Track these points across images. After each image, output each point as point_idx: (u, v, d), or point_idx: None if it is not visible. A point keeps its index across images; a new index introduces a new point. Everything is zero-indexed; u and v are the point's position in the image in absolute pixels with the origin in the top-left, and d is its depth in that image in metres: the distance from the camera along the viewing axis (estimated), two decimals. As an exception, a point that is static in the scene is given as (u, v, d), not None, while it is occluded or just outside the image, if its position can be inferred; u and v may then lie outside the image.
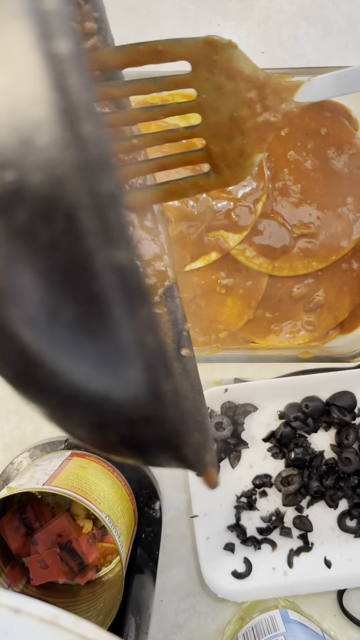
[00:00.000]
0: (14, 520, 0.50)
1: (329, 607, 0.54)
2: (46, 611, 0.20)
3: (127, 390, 0.15)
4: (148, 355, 0.15)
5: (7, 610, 0.20)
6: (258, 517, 0.53)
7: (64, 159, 0.13)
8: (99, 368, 0.15)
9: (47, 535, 0.49)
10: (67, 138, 0.13)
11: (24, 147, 0.13)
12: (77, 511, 0.51)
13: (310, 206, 0.47)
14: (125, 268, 0.13)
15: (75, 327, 0.14)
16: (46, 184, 0.13)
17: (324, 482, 0.51)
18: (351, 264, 0.48)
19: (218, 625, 0.54)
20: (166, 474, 0.54)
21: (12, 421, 0.55)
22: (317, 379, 0.50)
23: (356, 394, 0.51)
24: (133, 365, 0.15)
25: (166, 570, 0.54)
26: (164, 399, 0.15)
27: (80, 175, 0.13)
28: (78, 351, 0.15)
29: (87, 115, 0.13)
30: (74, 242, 0.13)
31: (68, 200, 0.13)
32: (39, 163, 0.13)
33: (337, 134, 0.47)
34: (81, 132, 0.13)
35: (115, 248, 0.13)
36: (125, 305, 0.14)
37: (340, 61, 0.53)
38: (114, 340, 0.14)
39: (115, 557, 0.52)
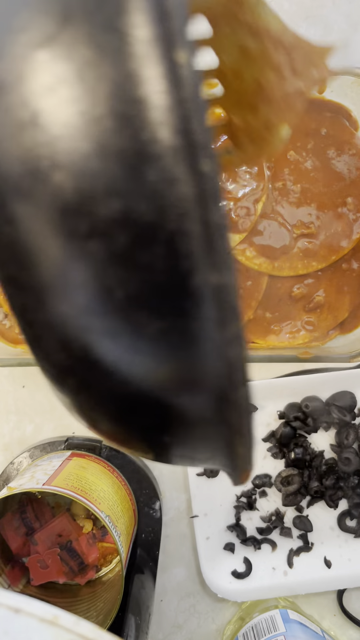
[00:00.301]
0: (14, 520, 0.50)
1: (329, 607, 0.54)
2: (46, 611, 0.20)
3: (196, 398, 0.17)
4: (229, 365, 0.16)
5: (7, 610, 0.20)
6: (258, 517, 0.53)
7: (177, 192, 0.14)
8: (174, 376, 0.16)
9: (47, 535, 0.49)
10: (184, 173, 0.14)
11: (134, 181, 0.14)
12: (77, 511, 0.51)
13: (310, 206, 0.47)
14: (225, 288, 0.15)
15: (157, 339, 0.15)
16: (151, 212, 0.14)
17: (324, 482, 0.51)
18: (351, 264, 0.48)
19: (218, 625, 0.54)
20: (166, 474, 0.55)
21: (12, 421, 0.55)
22: (317, 379, 0.50)
23: (356, 394, 0.51)
24: (210, 370, 0.16)
25: (166, 570, 0.54)
26: (237, 404, 0.16)
27: (195, 206, 0.14)
28: (156, 361, 0.16)
29: (206, 154, 0.14)
30: (172, 264, 0.14)
31: (172, 227, 0.14)
32: (148, 194, 0.14)
33: (337, 134, 0.47)
34: (201, 169, 0.14)
35: (217, 270, 0.14)
36: (217, 321, 0.15)
37: (341, 61, 0.53)
38: (197, 352, 0.16)
39: (115, 557, 0.52)
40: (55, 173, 0.14)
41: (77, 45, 0.14)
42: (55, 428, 0.55)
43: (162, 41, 0.13)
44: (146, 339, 0.16)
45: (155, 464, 0.54)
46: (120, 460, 0.53)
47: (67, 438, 0.53)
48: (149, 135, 0.14)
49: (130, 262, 0.15)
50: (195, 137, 0.14)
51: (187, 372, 0.16)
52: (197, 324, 0.15)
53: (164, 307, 0.15)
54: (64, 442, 0.53)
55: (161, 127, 0.13)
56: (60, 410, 0.55)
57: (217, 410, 0.17)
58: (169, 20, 0.13)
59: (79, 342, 0.16)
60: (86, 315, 0.16)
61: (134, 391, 0.17)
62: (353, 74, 0.43)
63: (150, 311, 0.15)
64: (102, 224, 0.14)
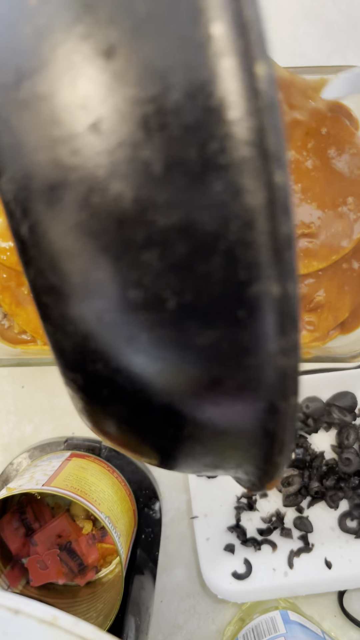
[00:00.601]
0: (13, 520, 0.50)
1: (329, 608, 0.54)
2: (46, 612, 0.20)
3: (240, 408, 0.16)
4: (283, 375, 0.15)
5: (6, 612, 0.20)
6: (258, 517, 0.53)
7: (244, 202, 0.14)
8: (217, 388, 0.16)
9: (46, 536, 0.49)
10: (255, 185, 0.13)
11: (198, 189, 0.14)
12: (76, 512, 0.51)
13: (310, 206, 0.47)
14: (287, 297, 0.14)
15: (205, 350, 0.15)
16: (214, 222, 0.14)
17: (325, 482, 0.51)
18: (352, 263, 0.48)
19: (218, 626, 0.54)
20: (166, 475, 0.54)
21: (11, 421, 0.55)
22: (318, 379, 0.50)
23: (357, 394, 0.51)
24: (262, 381, 0.16)
25: (166, 571, 0.54)
26: (285, 414, 0.16)
27: (263, 217, 0.14)
28: (202, 372, 0.16)
29: (281, 166, 0.14)
30: (231, 274, 0.14)
31: (234, 237, 0.14)
32: (212, 204, 0.14)
33: (337, 133, 0.47)
34: (275, 180, 0.13)
35: (282, 281, 0.14)
36: (277, 329, 0.15)
37: (341, 60, 0.53)
38: (256, 355, 0.15)
39: (115, 558, 0.52)
40: (113, 182, 0.14)
41: (147, 55, 0.14)
42: (54, 428, 0.55)
43: (240, 52, 0.13)
44: (195, 350, 0.15)
45: (155, 465, 0.54)
46: (120, 461, 0.52)
47: (67, 438, 0.53)
48: (218, 145, 0.13)
49: (187, 272, 0.14)
50: (270, 147, 0.13)
51: (234, 382, 0.16)
52: (250, 334, 0.15)
53: (217, 317, 0.15)
54: (64, 442, 0.53)
55: (231, 137, 0.13)
56: (60, 410, 0.55)
57: (262, 420, 0.17)
58: (248, 32, 0.13)
59: (119, 352, 0.16)
60: (134, 325, 0.15)
61: (174, 402, 0.17)
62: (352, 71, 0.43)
63: (202, 322, 0.15)
64: (160, 234, 0.14)
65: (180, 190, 0.14)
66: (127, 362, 0.16)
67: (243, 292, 0.14)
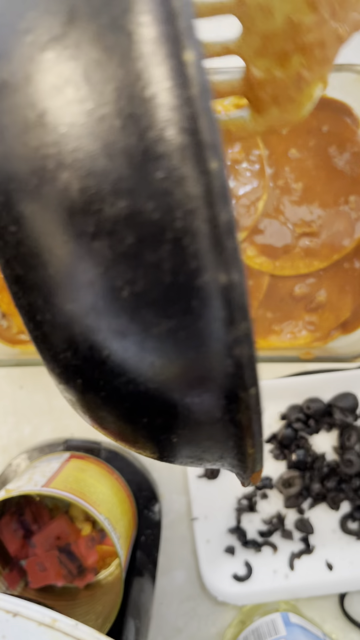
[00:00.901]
0: (12, 522, 0.50)
1: (330, 610, 0.53)
2: (45, 615, 0.20)
3: (205, 397, 0.17)
4: (238, 364, 0.16)
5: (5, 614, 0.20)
6: (259, 519, 0.52)
7: (185, 191, 0.14)
8: (182, 376, 0.16)
9: (45, 537, 0.49)
10: (192, 172, 0.14)
11: (141, 180, 0.14)
12: (75, 514, 0.50)
13: (311, 205, 0.47)
14: (233, 286, 0.15)
15: (165, 339, 0.16)
16: (158, 211, 0.14)
17: (326, 484, 0.51)
18: (353, 263, 0.48)
19: (218, 628, 0.54)
20: (166, 476, 0.54)
21: (9, 422, 0.55)
22: (319, 379, 0.50)
23: (358, 395, 0.51)
24: (221, 373, 0.16)
25: (166, 573, 0.54)
26: (246, 403, 0.16)
27: (202, 205, 0.14)
28: (164, 361, 0.16)
29: (215, 154, 0.14)
30: (180, 263, 0.15)
31: (179, 226, 0.14)
32: (155, 193, 0.14)
33: (338, 131, 0.47)
34: (209, 168, 0.14)
35: (226, 269, 0.15)
36: (225, 319, 0.15)
37: (341, 59, 0.53)
38: (205, 350, 0.16)
39: (114, 560, 0.51)
40: (61, 173, 0.14)
41: (83, 46, 0.14)
42: (53, 429, 0.55)
43: (169, 40, 0.14)
44: (154, 339, 0.16)
45: (155, 466, 0.54)
46: (120, 462, 0.52)
47: (66, 439, 0.53)
48: (156, 134, 0.14)
49: (137, 261, 0.15)
50: (203, 136, 0.14)
51: (195, 371, 0.16)
52: (205, 323, 0.15)
53: (172, 306, 0.15)
54: (63, 443, 0.53)
55: (168, 125, 0.14)
56: (59, 411, 0.55)
57: (226, 410, 0.17)
58: (176, 20, 0.14)
59: (86, 341, 0.16)
60: (93, 315, 0.16)
61: (141, 391, 0.17)
62: (354, 71, 0.43)
63: (157, 310, 0.15)
64: (108, 224, 0.15)
65: (124, 180, 0.14)
66: (93, 352, 0.16)
67: (193, 282, 0.15)
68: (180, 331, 0.15)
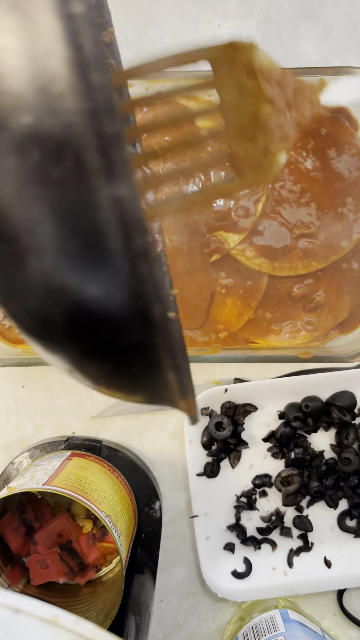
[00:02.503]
0: (14, 520, 0.50)
1: (329, 607, 0.54)
2: (46, 611, 0.20)
3: (121, 314, 0.17)
4: (140, 280, 0.16)
5: (7, 611, 0.20)
6: (258, 517, 0.53)
7: (75, 104, 0.15)
8: (98, 294, 0.17)
9: (47, 535, 0.49)
10: (78, 86, 0.15)
11: (40, 95, 0.15)
12: (77, 511, 0.51)
13: (310, 206, 0.47)
14: (125, 201, 0.15)
15: (79, 256, 0.16)
16: (58, 127, 0.15)
17: (324, 482, 0.51)
18: (351, 264, 0.48)
19: (218, 625, 0.54)
20: (166, 474, 0.55)
21: (12, 421, 0.55)
22: (317, 379, 0.50)
23: (356, 394, 0.51)
24: (126, 290, 0.17)
25: (166, 570, 0.54)
26: (154, 323, 0.17)
27: (89, 119, 0.15)
28: (81, 278, 0.16)
29: (96, 67, 0.15)
30: (80, 179, 0.15)
31: (77, 141, 0.15)
32: (53, 109, 0.15)
33: (337, 134, 0.47)
34: (91, 80, 0.15)
35: (116, 183, 0.15)
36: (122, 234, 0.16)
37: (340, 61, 0.53)
38: (111, 268, 0.16)
39: (115, 557, 0.52)
40: None
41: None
42: (55, 428, 0.55)
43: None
44: (70, 256, 0.16)
45: (156, 464, 0.54)
46: (121, 460, 0.53)
47: (67, 438, 0.53)
48: (47, 49, 0.15)
49: (44, 177, 0.15)
50: (85, 50, 0.14)
51: (108, 290, 0.17)
52: (109, 241, 0.16)
53: (81, 224, 0.16)
54: (64, 442, 0.53)
55: (57, 43, 0.15)
56: (61, 410, 0.55)
57: (141, 331, 0.17)
58: None
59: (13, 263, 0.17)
60: (10, 231, 0.16)
61: (70, 314, 0.17)
62: (353, 74, 0.43)
63: (69, 228, 0.16)
64: (15, 140, 0.15)
65: (29, 96, 0.15)
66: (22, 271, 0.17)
67: (93, 198, 0.15)
68: (91, 248, 0.16)
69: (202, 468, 0.52)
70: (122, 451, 0.53)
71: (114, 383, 0.20)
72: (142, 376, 0.19)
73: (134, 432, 0.55)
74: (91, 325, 0.17)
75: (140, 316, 0.17)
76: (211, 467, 0.52)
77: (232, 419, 0.51)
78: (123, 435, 0.55)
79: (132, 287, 0.16)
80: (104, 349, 0.18)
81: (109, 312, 0.17)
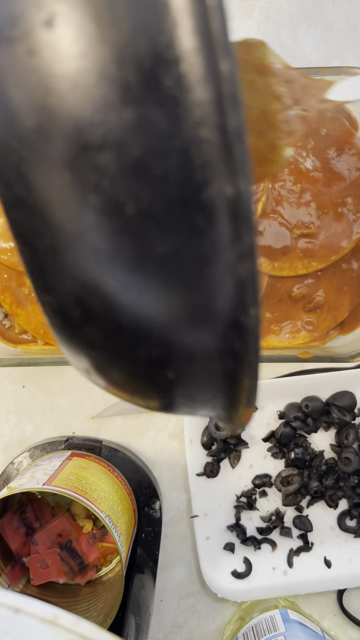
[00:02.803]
0: (14, 520, 0.50)
1: (329, 606, 0.54)
2: (46, 611, 0.20)
3: (202, 326, 0.16)
4: (240, 281, 0.15)
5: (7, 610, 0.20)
6: (258, 517, 0.53)
7: (194, 96, 0.13)
8: (181, 303, 0.15)
9: (47, 535, 0.49)
10: (202, 76, 0.13)
11: (150, 85, 0.13)
12: (77, 511, 0.51)
13: (310, 206, 0.47)
14: (240, 197, 0.14)
15: (167, 258, 0.15)
16: (166, 120, 0.13)
17: (324, 482, 0.51)
18: (351, 264, 0.48)
19: (218, 625, 0.54)
20: (166, 474, 0.55)
21: (12, 421, 0.55)
22: (317, 379, 0.50)
23: (356, 394, 0.51)
24: (221, 291, 0.15)
25: (166, 570, 0.54)
26: (245, 327, 0.15)
27: (212, 111, 0.13)
28: (164, 285, 0.15)
29: (225, 54, 0.13)
30: (187, 174, 0.14)
31: (187, 135, 0.13)
32: (164, 100, 0.13)
33: (337, 134, 0.47)
34: (220, 69, 0.13)
35: (234, 178, 0.14)
36: (231, 232, 0.14)
37: (340, 61, 0.53)
38: (207, 272, 0.15)
39: (115, 557, 0.52)
40: (62, 82, 0.14)
41: None
42: (55, 428, 0.55)
43: None
44: (156, 260, 0.15)
45: (156, 464, 0.54)
46: (121, 461, 0.53)
47: (67, 438, 0.53)
48: (166, 39, 0.13)
49: (143, 173, 0.14)
50: (214, 36, 0.13)
51: (196, 297, 0.15)
52: (210, 242, 0.14)
53: (176, 223, 0.14)
54: (64, 442, 0.53)
55: (178, 29, 0.13)
56: (61, 410, 0.55)
57: (224, 339, 0.16)
58: None
59: (86, 267, 0.15)
60: (95, 236, 0.15)
61: (140, 319, 0.16)
62: (353, 74, 0.43)
63: (161, 228, 0.14)
64: (114, 134, 0.14)
65: (132, 87, 0.13)
66: (93, 277, 0.15)
67: (199, 195, 0.14)
68: (183, 251, 0.15)
69: (202, 468, 0.52)
70: (122, 451, 0.53)
71: (176, 393, 0.19)
72: (208, 386, 0.18)
73: (134, 432, 0.55)
74: (159, 339, 0.16)
75: (230, 322, 0.16)
76: (211, 467, 0.52)
77: (232, 419, 0.51)
78: (123, 435, 0.55)
79: (230, 293, 0.15)
80: (171, 362, 0.17)
81: (189, 321, 0.16)
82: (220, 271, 0.15)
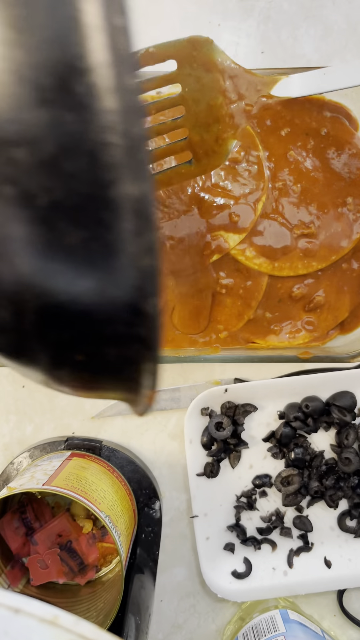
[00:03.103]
0: (14, 520, 0.50)
1: (329, 607, 0.54)
2: (46, 611, 0.20)
3: (111, 307, 0.17)
4: (142, 273, 0.16)
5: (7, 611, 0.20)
6: (258, 517, 0.53)
7: (102, 104, 0.15)
8: (91, 288, 0.17)
9: (47, 535, 0.49)
10: (111, 85, 0.15)
11: (63, 90, 0.15)
12: (77, 511, 0.51)
13: (310, 206, 0.47)
14: (142, 198, 0.15)
15: (77, 249, 0.16)
16: (77, 123, 0.15)
17: (324, 482, 0.51)
18: (351, 263, 0.48)
19: (218, 625, 0.54)
20: (166, 474, 0.55)
21: (11, 421, 0.55)
22: (317, 379, 0.50)
23: (356, 394, 0.51)
24: (125, 281, 0.17)
25: (166, 571, 0.54)
26: (146, 316, 0.17)
27: (118, 119, 0.15)
28: (75, 271, 0.17)
29: (129, 70, 0.15)
30: (96, 173, 0.15)
31: (95, 138, 0.15)
32: (76, 105, 0.15)
33: (337, 134, 0.47)
34: (126, 82, 0.15)
35: (136, 180, 0.15)
36: (134, 228, 0.16)
37: (340, 61, 0.53)
38: (113, 260, 0.16)
39: (115, 557, 0.52)
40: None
41: None
42: (55, 428, 0.55)
43: None
44: (66, 249, 0.16)
45: (156, 464, 0.54)
46: (120, 461, 0.53)
47: (67, 438, 0.53)
48: (79, 50, 0.14)
49: (55, 170, 0.15)
50: (120, 53, 0.15)
51: (103, 284, 0.17)
52: (115, 235, 0.16)
53: (85, 217, 0.16)
54: (64, 442, 0.53)
55: (90, 42, 0.14)
56: (61, 410, 0.55)
57: (129, 324, 0.17)
58: None
59: (4, 253, 0.17)
60: (9, 223, 0.16)
61: (50, 303, 0.17)
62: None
63: (71, 220, 0.16)
64: (29, 132, 0.15)
65: (46, 91, 0.15)
66: (10, 263, 0.17)
67: (106, 193, 0.15)
68: (92, 243, 0.16)
69: (202, 468, 0.52)
70: (122, 451, 0.53)
71: (88, 378, 0.20)
72: (117, 370, 0.20)
73: (134, 432, 0.55)
74: (68, 321, 0.17)
75: (133, 309, 0.17)
76: (211, 467, 0.52)
77: (232, 419, 0.51)
78: (123, 435, 0.55)
79: (131, 277, 0.17)
80: (81, 343, 0.18)
81: (97, 305, 0.17)
82: (125, 263, 0.16)
